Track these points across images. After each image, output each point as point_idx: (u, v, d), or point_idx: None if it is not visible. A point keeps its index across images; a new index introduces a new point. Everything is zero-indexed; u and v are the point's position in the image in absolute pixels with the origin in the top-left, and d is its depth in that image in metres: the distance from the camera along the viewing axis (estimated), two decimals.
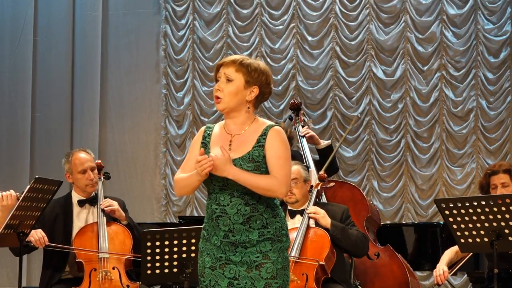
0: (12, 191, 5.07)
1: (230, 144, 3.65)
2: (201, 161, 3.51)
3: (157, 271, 5.08)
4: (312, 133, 6.57)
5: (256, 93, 3.68)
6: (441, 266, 5.40)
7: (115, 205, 5.60)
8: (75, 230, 5.57)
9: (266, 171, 3.60)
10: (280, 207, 3.70)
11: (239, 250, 3.58)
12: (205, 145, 3.69)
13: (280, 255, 3.61)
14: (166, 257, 5.06)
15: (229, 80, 3.65)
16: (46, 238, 5.35)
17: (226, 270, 3.59)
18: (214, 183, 3.60)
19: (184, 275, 5.04)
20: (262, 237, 3.58)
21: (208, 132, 3.73)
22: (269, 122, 3.71)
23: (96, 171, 5.70)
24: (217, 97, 3.66)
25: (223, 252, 3.60)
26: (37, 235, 5.33)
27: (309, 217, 5.42)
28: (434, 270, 5.40)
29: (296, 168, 5.43)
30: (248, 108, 3.68)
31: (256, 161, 3.59)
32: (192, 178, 3.60)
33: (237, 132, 3.68)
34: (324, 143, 6.60)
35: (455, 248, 5.43)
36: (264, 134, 3.64)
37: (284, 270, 3.62)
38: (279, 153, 3.61)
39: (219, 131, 3.72)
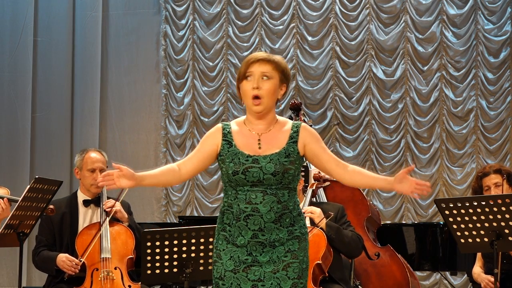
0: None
1: (259, 143, 3.58)
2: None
3: (157, 271, 5.07)
4: None
5: (284, 91, 3.65)
6: (485, 277, 5.50)
7: (118, 206, 5.60)
8: (80, 230, 5.57)
9: (298, 167, 3.57)
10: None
11: (267, 249, 3.51)
12: (229, 142, 3.59)
13: (305, 254, 3.57)
14: (166, 257, 5.05)
15: (268, 78, 3.57)
16: (76, 261, 5.37)
17: (250, 272, 3.50)
18: (247, 178, 3.50)
19: (184, 275, 5.03)
20: (291, 235, 3.53)
21: (228, 129, 3.62)
22: (289, 120, 3.70)
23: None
24: (257, 97, 3.55)
25: (249, 254, 3.52)
26: (67, 265, 5.36)
27: (305, 216, 5.42)
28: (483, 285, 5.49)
29: None
30: (276, 105, 3.66)
31: (291, 156, 3.55)
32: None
33: (264, 131, 3.61)
34: None
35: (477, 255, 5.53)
36: (296, 131, 3.60)
37: (307, 270, 3.58)
38: (323, 144, 3.64)
39: (239, 129, 3.63)
